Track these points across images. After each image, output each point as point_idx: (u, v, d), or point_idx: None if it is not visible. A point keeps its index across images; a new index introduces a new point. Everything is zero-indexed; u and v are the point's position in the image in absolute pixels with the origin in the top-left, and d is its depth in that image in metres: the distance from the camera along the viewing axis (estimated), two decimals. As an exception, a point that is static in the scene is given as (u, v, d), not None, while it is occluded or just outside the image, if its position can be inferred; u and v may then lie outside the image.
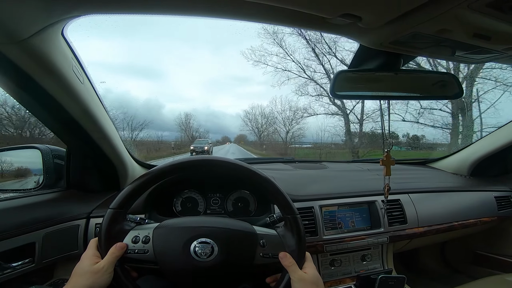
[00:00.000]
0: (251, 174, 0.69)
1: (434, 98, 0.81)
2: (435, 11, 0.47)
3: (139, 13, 0.53)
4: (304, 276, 0.62)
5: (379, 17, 0.51)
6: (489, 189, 1.35)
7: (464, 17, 0.49)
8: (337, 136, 12.32)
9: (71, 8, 0.50)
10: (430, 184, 1.32)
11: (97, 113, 0.77)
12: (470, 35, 0.54)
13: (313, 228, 0.99)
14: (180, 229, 0.65)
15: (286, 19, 0.56)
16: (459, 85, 0.75)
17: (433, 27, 0.52)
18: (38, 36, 0.52)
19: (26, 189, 0.91)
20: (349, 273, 1.07)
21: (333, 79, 0.73)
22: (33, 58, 0.56)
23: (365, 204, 1.10)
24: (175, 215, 1.01)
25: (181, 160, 0.69)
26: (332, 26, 0.56)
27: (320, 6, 0.48)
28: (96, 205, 0.91)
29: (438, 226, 1.15)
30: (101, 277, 0.56)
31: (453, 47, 0.63)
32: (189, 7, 0.52)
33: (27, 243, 0.73)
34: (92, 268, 0.57)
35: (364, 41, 0.63)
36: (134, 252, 0.62)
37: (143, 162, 1.17)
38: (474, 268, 1.50)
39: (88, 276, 0.56)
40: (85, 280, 0.55)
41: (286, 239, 0.68)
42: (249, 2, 0.47)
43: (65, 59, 0.63)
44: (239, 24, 3.04)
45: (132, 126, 14.67)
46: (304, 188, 1.10)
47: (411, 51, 0.66)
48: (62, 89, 0.65)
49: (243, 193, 1.06)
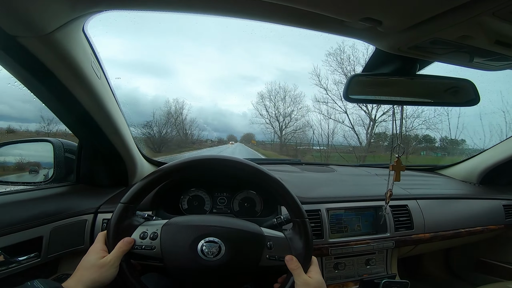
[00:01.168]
0: (261, 175, 0.69)
1: (451, 105, 0.80)
2: (459, 17, 0.46)
3: (159, 9, 0.52)
4: (308, 280, 0.62)
5: (400, 22, 0.50)
6: (498, 198, 1.33)
7: (487, 24, 0.48)
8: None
9: (93, 2, 0.50)
10: (438, 190, 1.31)
11: (111, 109, 0.77)
12: (492, 42, 0.53)
13: (319, 231, 0.99)
14: (189, 227, 0.65)
15: (305, 21, 0.55)
16: (475, 92, 0.73)
17: (455, 33, 0.52)
18: (61, 31, 0.53)
19: (36, 182, 0.91)
20: (352, 277, 1.07)
21: (347, 83, 0.73)
22: (55, 53, 0.56)
23: (372, 209, 1.09)
24: (182, 213, 1.02)
25: (192, 158, 0.68)
26: (351, 29, 0.55)
27: (341, 10, 0.47)
28: (104, 200, 0.92)
29: (445, 233, 1.14)
30: (107, 271, 0.56)
31: (472, 53, 0.61)
32: (208, 5, 0.52)
33: (35, 237, 0.72)
34: (98, 262, 0.57)
35: (382, 45, 0.63)
36: (141, 248, 0.62)
37: (152, 159, 1.17)
38: (478, 275, 1.49)
39: (94, 269, 0.56)
40: (91, 273, 0.55)
41: (293, 242, 0.67)
42: (269, 3, 0.46)
43: (84, 55, 0.63)
44: (252, 23, 2.92)
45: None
46: (311, 190, 1.10)
47: (428, 56, 0.65)
48: (80, 84, 0.65)
49: (250, 193, 1.06)
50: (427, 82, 0.75)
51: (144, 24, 4.17)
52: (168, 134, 16.00)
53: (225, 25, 36.83)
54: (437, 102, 0.79)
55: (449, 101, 0.78)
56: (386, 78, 0.75)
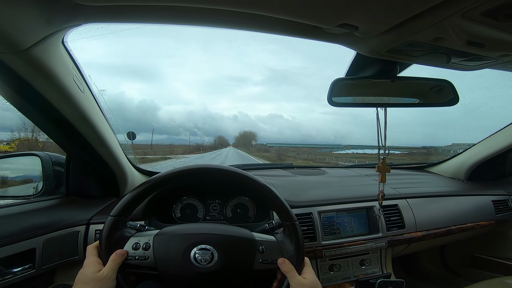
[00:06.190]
0: (249, 181, 0.70)
1: (431, 105, 0.81)
2: (430, 20, 0.48)
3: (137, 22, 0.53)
4: (302, 281, 0.62)
5: (375, 27, 0.52)
6: (487, 193, 1.36)
7: (457, 26, 0.50)
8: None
9: (71, 17, 0.51)
10: (427, 188, 1.32)
11: (96, 121, 0.77)
12: (464, 43, 0.55)
13: (312, 234, 0.99)
14: (180, 236, 0.65)
15: (283, 28, 0.57)
16: (454, 92, 0.76)
17: (428, 36, 0.54)
18: (39, 46, 0.52)
19: (26, 196, 0.91)
20: (348, 278, 1.07)
21: (330, 87, 0.74)
22: (34, 68, 0.56)
23: (363, 210, 1.10)
24: (175, 221, 1.01)
25: (181, 168, 0.69)
26: (329, 35, 0.57)
27: (318, 17, 0.49)
28: (95, 211, 0.92)
29: (436, 231, 1.15)
30: (106, 285, 0.57)
31: (448, 54, 0.64)
32: (183, 17, 0.53)
33: (27, 249, 0.73)
34: (96, 276, 0.57)
35: (361, 49, 0.64)
36: (134, 258, 0.62)
37: (143, 169, 1.17)
38: (473, 271, 1.50)
39: (93, 283, 0.56)
40: (91, 287, 0.55)
41: (284, 245, 0.68)
42: (247, 13, 0.48)
43: (66, 69, 0.63)
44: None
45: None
46: (302, 194, 1.10)
47: (407, 58, 0.67)
48: (62, 97, 0.65)
49: (242, 200, 1.06)
50: (408, 83, 0.77)
51: (128, 30, 4.10)
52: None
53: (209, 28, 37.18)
54: (419, 103, 0.81)
55: (430, 102, 0.80)
56: (369, 81, 0.77)
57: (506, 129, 1.32)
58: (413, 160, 9.19)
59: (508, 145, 1.31)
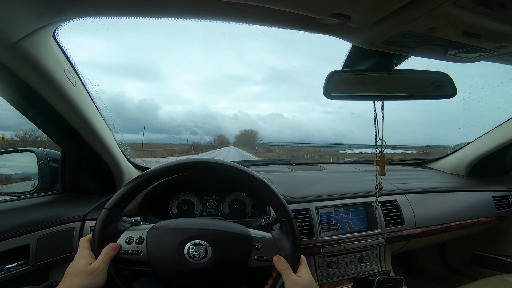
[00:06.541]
0: (246, 176, 0.69)
1: (429, 98, 0.81)
2: (422, 9, 0.47)
3: (130, 16, 0.53)
4: (297, 280, 0.61)
5: (367, 16, 0.51)
6: (487, 189, 1.34)
7: (451, 15, 0.49)
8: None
9: (61, 11, 0.50)
10: (427, 184, 1.31)
11: (90, 116, 0.77)
12: (459, 33, 0.54)
13: (310, 230, 0.98)
14: (174, 230, 0.65)
15: (276, 20, 0.56)
16: (452, 85, 0.75)
17: (422, 25, 0.53)
18: (29, 39, 0.52)
19: (21, 192, 0.90)
20: (346, 275, 1.06)
21: (326, 79, 0.73)
22: (24, 61, 0.55)
23: (362, 205, 1.09)
24: (171, 217, 1.01)
25: (176, 162, 0.69)
26: (322, 26, 0.56)
27: (308, 6, 0.48)
28: (91, 207, 0.91)
29: (436, 227, 1.14)
30: (96, 278, 0.56)
31: (444, 46, 0.62)
32: (176, 9, 0.52)
33: (21, 245, 0.73)
34: (87, 269, 0.56)
35: (355, 41, 0.64)
36: (127, 252, 0.62)
37: (139, 165, 1.17)
38: (474, 268, 1.49)
39: (83, 276, 0.55)
40: (80, 280, 0.54)
41: (281, 242, 0.67)
42: (236, 3, 0.47)
43: (56, 62, 0.62)
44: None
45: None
46: (300, 189, 1.10)
47: (403, 50, 0.66)
48: (53, 91, 0.65)
49: (239, 195, 1.05)
50: (405, 76, 0.76)
51: (123, 26, 4.07)
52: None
53: (207, 23, 37.37)
54: (416, 96, 0.80)
55: (427, 94, 0.79)
56: (365, 74, 0.76)
57: (506, 124, 1.31)
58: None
59: (508, 140, 1.29)
